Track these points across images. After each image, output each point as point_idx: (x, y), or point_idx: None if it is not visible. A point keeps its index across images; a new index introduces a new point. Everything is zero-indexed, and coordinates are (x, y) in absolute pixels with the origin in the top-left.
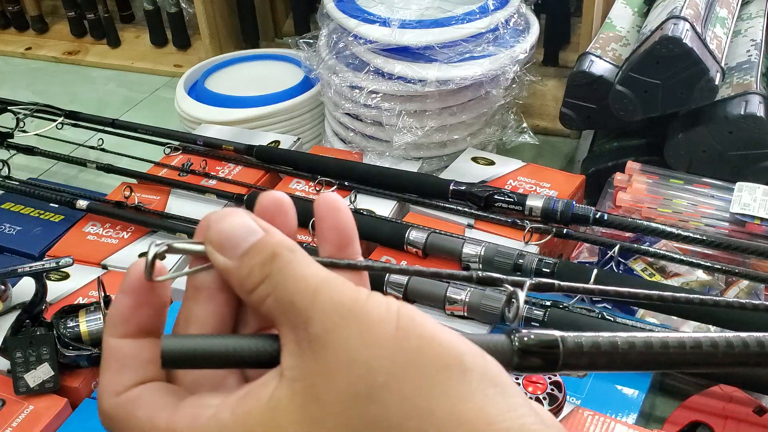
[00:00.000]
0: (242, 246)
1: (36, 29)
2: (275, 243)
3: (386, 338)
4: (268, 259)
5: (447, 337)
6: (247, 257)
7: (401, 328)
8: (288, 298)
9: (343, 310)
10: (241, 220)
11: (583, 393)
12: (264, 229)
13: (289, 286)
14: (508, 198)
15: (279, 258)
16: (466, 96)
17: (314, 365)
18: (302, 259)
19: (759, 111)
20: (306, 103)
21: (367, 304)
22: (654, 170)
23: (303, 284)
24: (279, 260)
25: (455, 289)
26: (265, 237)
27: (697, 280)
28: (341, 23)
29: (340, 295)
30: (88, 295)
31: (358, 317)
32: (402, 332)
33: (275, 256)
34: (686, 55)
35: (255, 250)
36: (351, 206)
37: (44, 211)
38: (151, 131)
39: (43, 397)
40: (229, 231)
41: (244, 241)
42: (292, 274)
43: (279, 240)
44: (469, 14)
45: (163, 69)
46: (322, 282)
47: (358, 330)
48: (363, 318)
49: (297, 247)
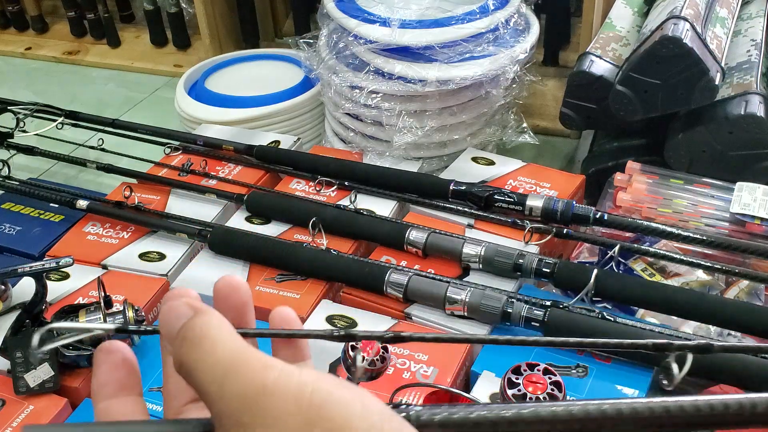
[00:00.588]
0: (173, 333)
1: (36, 29)
2: (192, 324)
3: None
4: (182, 341)
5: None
6: (174, 343)
7: (309, 421)
8: (201, 381)
9: (249, 403)
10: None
11: (583, 393)
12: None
13: (201, 369)
14: (508, 198)
15: (186, 341)
16: (466, 96)
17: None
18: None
19: (759, 111)
20: (306, 103)
21: (275, 391)
22: (654, 170)
23: (216, 366)
24: (185, 343)
25: (455, 289)
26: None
27: (697, 280)
28: (341, 23)
29: (245, 384)
30: (88, 295)
31: (264, 410)
32: (309, 426)
33: (184, 339)
34: (686, 55)
35: (178, 335)
36: (351, 206)
37: (44, 211)
38: (151, 131)
39: (43, 397)
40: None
41: (174, 329)
42: (204, 354)
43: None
44: (469, 14)
45: (163, 69)
46: (234, 363)
47: (263, 425)
48: (268, 412)
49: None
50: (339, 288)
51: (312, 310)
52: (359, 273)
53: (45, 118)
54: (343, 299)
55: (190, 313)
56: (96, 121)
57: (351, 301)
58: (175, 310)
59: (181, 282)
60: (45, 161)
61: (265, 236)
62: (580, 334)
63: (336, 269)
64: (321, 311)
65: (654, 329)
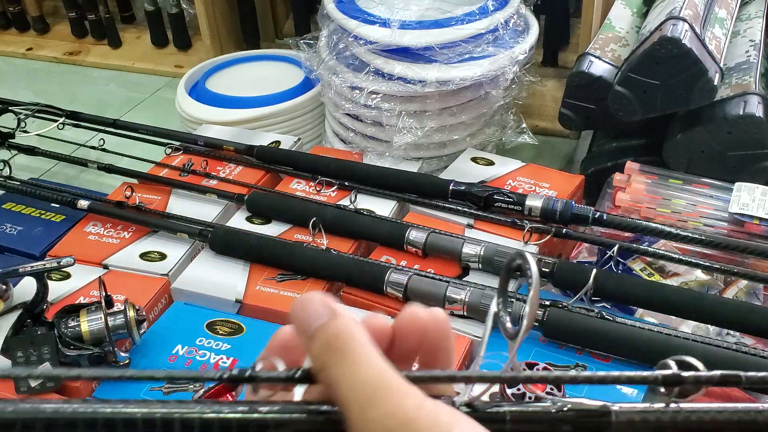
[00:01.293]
0: (308, 330)
1: (37, 30)
2: (333, 331)
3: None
4: (323, 348)
5: None
6: (311, 343)
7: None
8: (343, 398)
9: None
10: (314, 305)
11: (583, 392)
12: (332, 311)
13: (345, 386)
14: (508, 198)
15: (333, 352)
16: (466, 96)
17: None
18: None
19: (758, 111)
20: (306, 104)
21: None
22: (653, 170)
23: (359, 388)
24: (333, 355)
25: (455, 289)
26: (327, 323)
27: (696, 280)
28: (341, 24)
29: (387, 414)
30: (89, 295)
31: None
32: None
33: (329, 348)
34: (685, 55)
35: (315, 337)
36: (351, 206)
37: (45, 211)
38: (152, 131)
39: (44, 396)
40: (304, 314)
41: (311, 324)
42: (343, 372)
43: (338, 328)
44: (468, 15)
45: (164, 69)
46: (377, 388)
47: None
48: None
49: (358, 336)
50: (339, 288)
51: None
52: (359, 273)
53: (46, 119)
54: (343, 299)
55: (327, 312)
56: (97, 121)
57: (351, 300)
58: (311, 306)
59: (181, 282)
60: (46, 161)
61: (266, 236)
62: (579, 333)
63: (336, 269)
64: None
65: (653, 329)
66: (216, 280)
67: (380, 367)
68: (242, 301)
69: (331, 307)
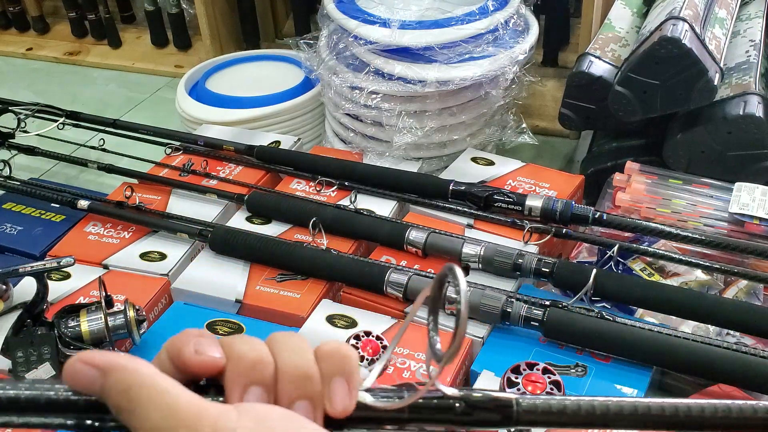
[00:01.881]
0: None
1: (37, 30)
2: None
3: None
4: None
5: None
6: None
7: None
8: None
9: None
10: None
11: (582, 392)
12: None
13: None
14: (508, 198)
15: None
16: (466, 96)
17: None
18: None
19: (758, 111)
20: (306, 104)
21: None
22: (653, 170)
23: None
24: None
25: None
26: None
27: (696, 280)
28: (341, 24)
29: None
30: (89, 295)
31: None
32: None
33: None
34: (685, 55)
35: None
36: (351, 206)
37: (45, 211)
38: (152, 131)
39: None
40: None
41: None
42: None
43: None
44: (468, 15)
45: (164, 69)
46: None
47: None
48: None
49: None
50: (339, 288)
51: (312, 310)
52: (359, 273)
53: (46, 119)
54: (343, 299)
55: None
56: (97, 121)
57: (351, 300)
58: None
59: (181, 282)
60: (46, 161)
61: (266, 236)
62: (579, 333)
63: (336, 269)
64: (321, 311)
65: (653, 329)
66: (216, 280)
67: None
68: (242, 301)
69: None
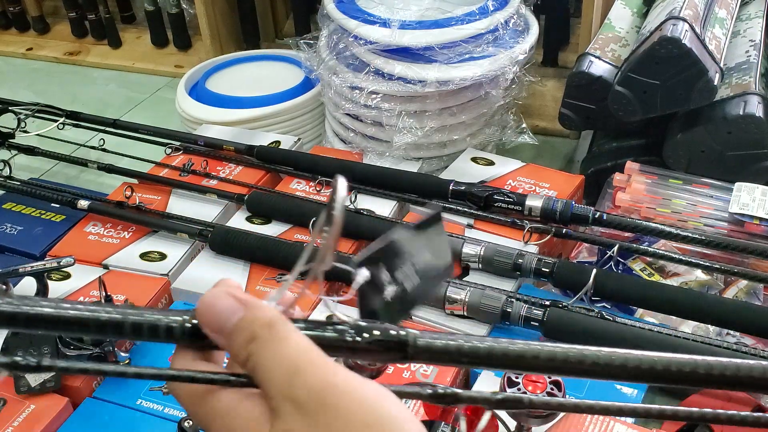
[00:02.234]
0: (227, 327)
1: (37, 30)
2: (252, 322)
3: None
4: (248, 339)
5: None
6: (232, 338)
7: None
8: (267, 381)
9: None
10: (223, 302)
11: (583, 392)
12: (245, 303)
13: (267, 369)
14: (508, 198)
15: (257, 340)
16: (466, 96)
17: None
18: (280, 336)
19: (758, 111)
20: (306, 104)
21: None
22: (653, 170)
23: (279, 369)
24: (257, 342)
25: (455, 289)
26: (245, 316)
27: (696, 280)
28: (341, 24)
29: (315, 379)
30: (89, 295)
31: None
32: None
33: (254, 338)
34: (685, 55)
35: (236, 331)
36: (351, 206)
37: (45, 211)
38: (152, 131)
39: (45, 396)
40: (215, 315)
41: (228, 323)
42: (270, 355)
43: (256, 317)
44: (468, 15)
45: (164, 69)
46: (297, 366)
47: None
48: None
49: (276, 319)
50: (339, 288)
51: (312, 310)
52: None
53: (46, 119)
54: None
55: (238, 306)
56: (97, 121)
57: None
58: (219, 303)
59: (182, 282)
60: (46, 161)
61: (266, 236)
62: (579, 333)
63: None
64: (321, 311)
65: (653, 329)
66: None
67: (302, 344)
68: None
69: (240, 298)
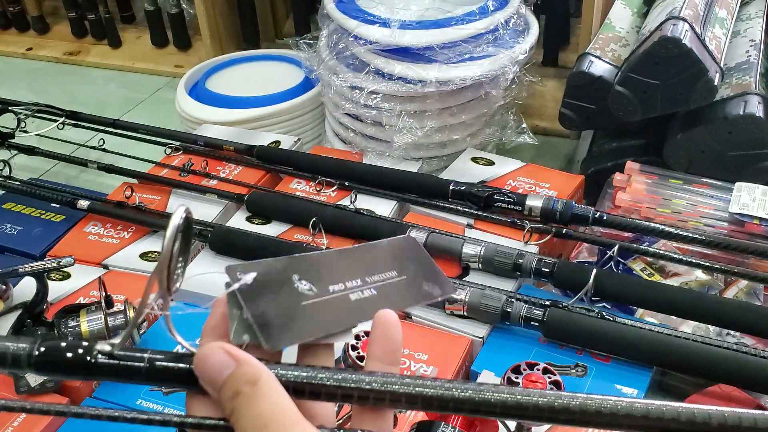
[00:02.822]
0: (217, 382)
1: (37, 30)
2: (239, 377)
3: None
4: (233, 394)
5: None
6: (221, 391)
7: None
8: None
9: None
10: (216, 357)
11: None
12: (236, 359)
13: (243, 425)
14: (508, 198)
15: (240, 395)
16: (466, 96)
17: None
18: (261, 393)
19: (758, 111)
20: (306, 104)
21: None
22: (653, 170)
23: (251, 426)
24: (240, 397)
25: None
26: (234, 372)
27: (697, 280)
28: (341, 24)
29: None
30: (89, 295)
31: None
32: None
33: (238, 393)
34: (685, 55)
35: (225, 386)
36: (351, 206)
37: (45, 211)
38: (152, 131)
39: (44, 396)
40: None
41: (219, 376)
42: (247, 412)
43: (243, 373)
44: (468, 15)
45: (164, 69)
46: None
47: None
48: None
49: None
50: None
51: None
52: None
53: (46, 119)
54: None
55: (230, 362)
56: (97, 121)
57: None
58: (213, 358)
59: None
60: (46, 161)
61: (266, 236)
62: (579, 333)
63: None
64: None
65: (653, 329)
66: (216, 280)
67: (277, 404)
68: None
69: (233, 354)
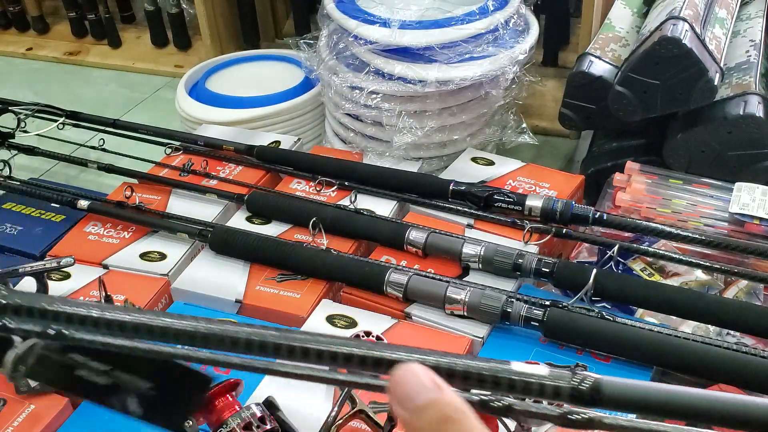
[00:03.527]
0: (417, 401)
1: (37, 30)
2: (448, 404)
3: None
4: (441, 419)
5: None
6: (422, 413)
7: None
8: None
9: None
10: (419, 379)
11: None
12: (438, 386)
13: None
14: (508, 198)
15: (451, 421)
16: (466, 96)
17: None
18: (471, 425)
19: (758, 111)
20: (306, 104)
21: None
22: (653, 170)
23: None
24: (451, 423)
25: (455, 289)
26: (441, 396)
27: (696, 280)
28: (341, 24)
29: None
30: (89, 295)
31: None
32: None
33: (448, 419)
34: (685, 55)
35: (430, 408)
36: (351, 206)
37: (45, 211)
38: (152, 131)
39: (44, 396)
40: (407, 387)
41: (418, 396)
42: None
43: (452, 401)
44: (468, 15)
45: (164, 69)
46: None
47: None
48: None
49: (467, 408)
50: (339, 288)
51: (312, 310)
52: (359, 273)
53: (46, 119)
54: (343, 299)
55: (434, 387)
56: (97, 121)
57: (351, 300)
58: (415, 378)
59: (181, 282)
60: (46, 161)
61: (266, 236)
62: (579, 333)
63: (336, 269)
64: (321, 311)
65: (653, 329)
66: (216, 280)
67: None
68: (242, 302)
69: (437, 381)
